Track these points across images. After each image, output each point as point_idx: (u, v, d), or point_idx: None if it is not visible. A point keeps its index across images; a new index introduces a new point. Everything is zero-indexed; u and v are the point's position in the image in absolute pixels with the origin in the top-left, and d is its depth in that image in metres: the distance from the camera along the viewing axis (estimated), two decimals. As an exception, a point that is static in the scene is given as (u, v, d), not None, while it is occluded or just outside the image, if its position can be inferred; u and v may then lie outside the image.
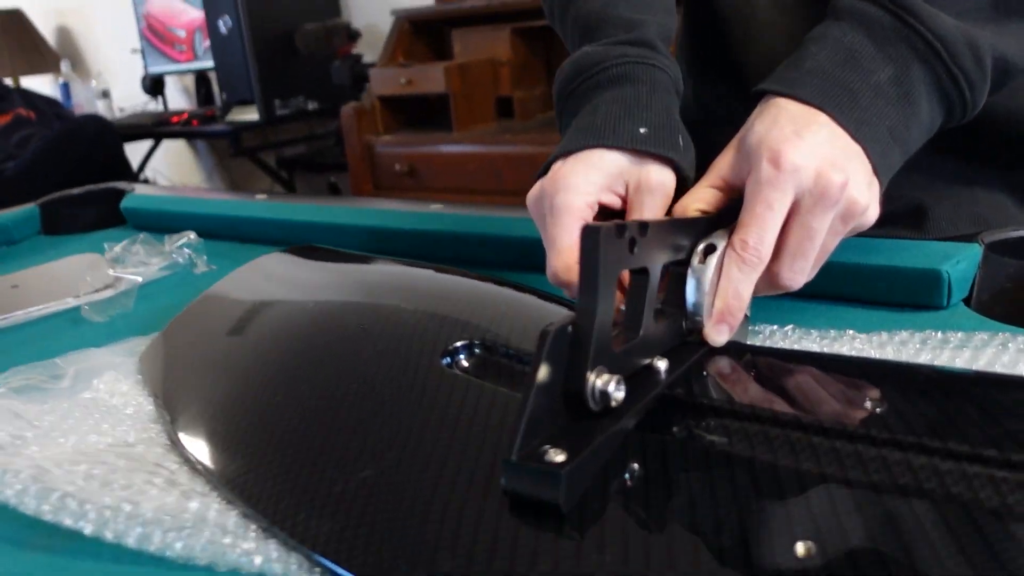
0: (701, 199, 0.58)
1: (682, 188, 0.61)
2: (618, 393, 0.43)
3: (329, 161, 3.53)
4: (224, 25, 3.44)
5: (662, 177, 0.60)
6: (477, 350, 0.56)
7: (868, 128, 0.55)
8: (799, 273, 0.55)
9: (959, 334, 0.57)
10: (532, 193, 0.61)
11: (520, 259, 0.84)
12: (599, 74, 0.65)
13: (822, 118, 0.54)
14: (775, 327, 0.63)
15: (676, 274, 0.54)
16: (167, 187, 1.50)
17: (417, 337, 0.58)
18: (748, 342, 0.60)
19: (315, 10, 3.55)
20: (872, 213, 0.57)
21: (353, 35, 3.45)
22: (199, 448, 0.53)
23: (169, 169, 4.77)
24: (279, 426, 0.53)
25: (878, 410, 0.43)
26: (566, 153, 0.60)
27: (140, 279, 0.97)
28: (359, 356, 0.57)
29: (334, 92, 3.49)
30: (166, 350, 0.69)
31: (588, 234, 0.43)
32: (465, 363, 0.55)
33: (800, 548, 0.35)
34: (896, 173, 0.81)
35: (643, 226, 0.47)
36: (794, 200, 0.52)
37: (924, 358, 0.55)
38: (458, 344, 0.56)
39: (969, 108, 0.60)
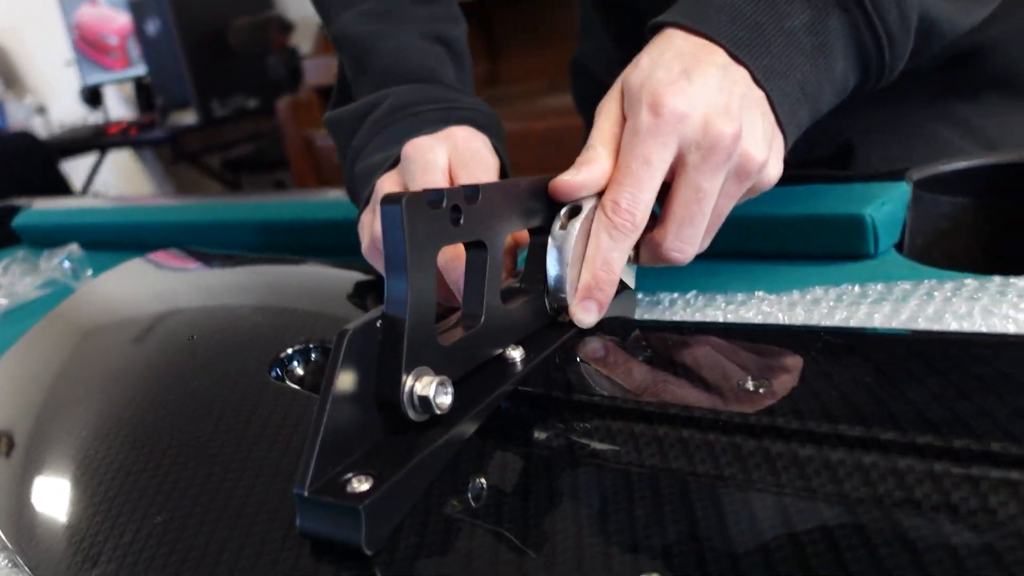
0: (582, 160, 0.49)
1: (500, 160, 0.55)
2: (442, 398, 0.35)
3: (275, 159, 3.41)
4: (153, 27, 3.31)
5: (485, 155, 0.53)
6: (314, 355, 0.48)
7: (778, 79, 0.47)
8: (686, 242, 0.46)
9: (878, 286, 0.49)
10: (365, 216, 0.55)
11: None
12: (396, 114, 0.60)
13: (719, 56, 0.46)
14: (675, 295, 0.55)
15: (535, 244, 0.46)
16: (71, 199, 1.39)
17: (248, 345, 0.49)
18: (643, 316, 0.52)
19: (246, 5, 3.42)
20: (772, 171, 0.48)
21: (287, 27, 3.33)
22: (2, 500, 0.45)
23: (119, 181, 4.63)
24: (82, 472, 0.44)
25: (761, 390, 0.35)
26: (383, 167, 0.55)
27: (4, 303, 0.88)
28: (178, 378, 0.48)
29: (273, 87, 3.36)
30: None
31: (388, 204, 0.35)
32: (299, 371, 0.47)
33: (647, 585, 0.27)
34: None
35: (471, 190, 0.39)
36: (678, 154, 0.44)
37: (838, 317, 0.47)
38: (290, 351, 0.47)
39: (886, 70, 0.52)
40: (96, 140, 3.71)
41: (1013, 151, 0.63)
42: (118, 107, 4.50)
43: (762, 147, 0.46)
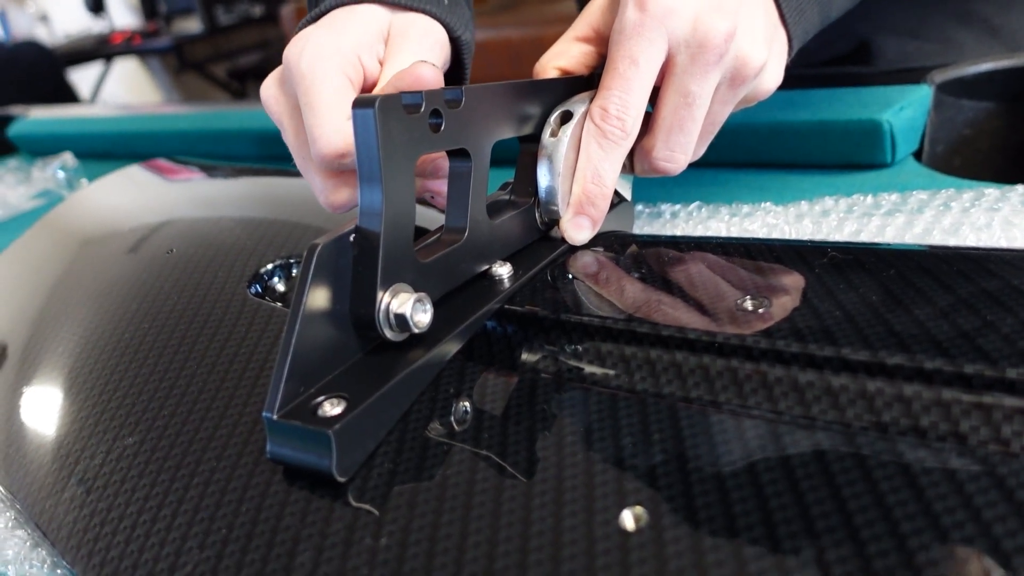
0: (562, 54, 0.46)
1: (458, 57, 0.49)
2: (420, 316, 0.33)
3: (282, 68, 3.34)
4: (154, -70, 3.21)
5: (427, 26, 0.46)
6: (295, 271, 0.46)
7: None
8: (677, 151, 0.43)
9: (892, 196, 0.46)
10: (270, 77, 0.46)
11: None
12: None
13: None
14: (678, 206, 0.52)
15: (525, 152, 0.43)
16: (67, 108, 1.36)
17: (228, 260, 0.47)
18: (642, 229, 0.50)
19: (250, -95, 3.30)
20: (772, 76, 0.44)
21: (292, -71, 3.21)
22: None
23: (126, 91, 4.56)
24: (57, 388, 0.43)
25: (760, 310, 0.32)
26: (309, 21, 0.47)
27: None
28: (155, 294, 0.46)
29: (278, -7, 3.28)
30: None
31: (360, 107, 0.32)
32: (280, 287, 0.45)
33: (628, 518, 0.25)
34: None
35: (453, 94, 0.36)
36: (668, 54, 0.41)
37: (848, 230, 0.44)
38: (270, 266, 0.45)
39: None
40: (100, 49, 3.64)
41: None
42: (122, 15, 4.40)
43: (760, 48, 0.41)
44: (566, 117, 0.42)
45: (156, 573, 0.29)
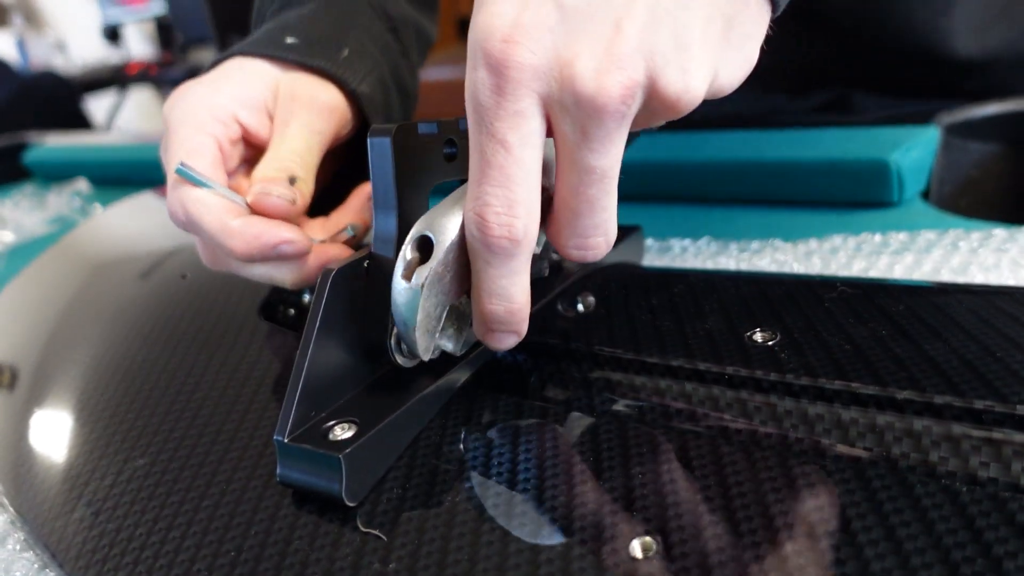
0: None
1: (361, 111, 0.47)
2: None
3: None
4: (172, -38, 3.26)
5: (316, 91, 0.44)
6: (307, 296, 0.46)
7: None
8: (595, 234, 0.31)
9: (901, 235, 0.47)
10: (161, 143, 0.44)
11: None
12: (268, 5, 0.53)
13: None
14: (687, 241, 0.53)
15: None
16: (80, 135, 1.38)
17: (240, 285, 0.47)
18: (652, 263, 0.50)
19: (266, -60, 3.36)
20: (737, 75, 0.32)
21: (308, -37, 3.26)
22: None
23: (141, 119, 4.60)
24: (68, 410, 0.43)
25: (769, 343, 0.32)
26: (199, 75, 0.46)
27: (11, 238, 0.87)
28: (168, 318, 0.47)
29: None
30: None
31: (376, 136, 0.32)
32: (291, 312, 0.45)
33: (636, 547, 0.25)
34: (801, 70, 0.66)
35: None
36: (547, 120, 0.29)
37: (857, 267, 0.45)
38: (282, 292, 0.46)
39: None
40: (117, 78, 3.69)
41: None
42: (138, 45, 4.46)
43: (698, 75, 0.29)
44: (424, 248, 0.31)
45: (163, 593, 0.29)
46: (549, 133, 0.30)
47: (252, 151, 0.44)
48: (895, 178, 0.55)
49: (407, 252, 0.31)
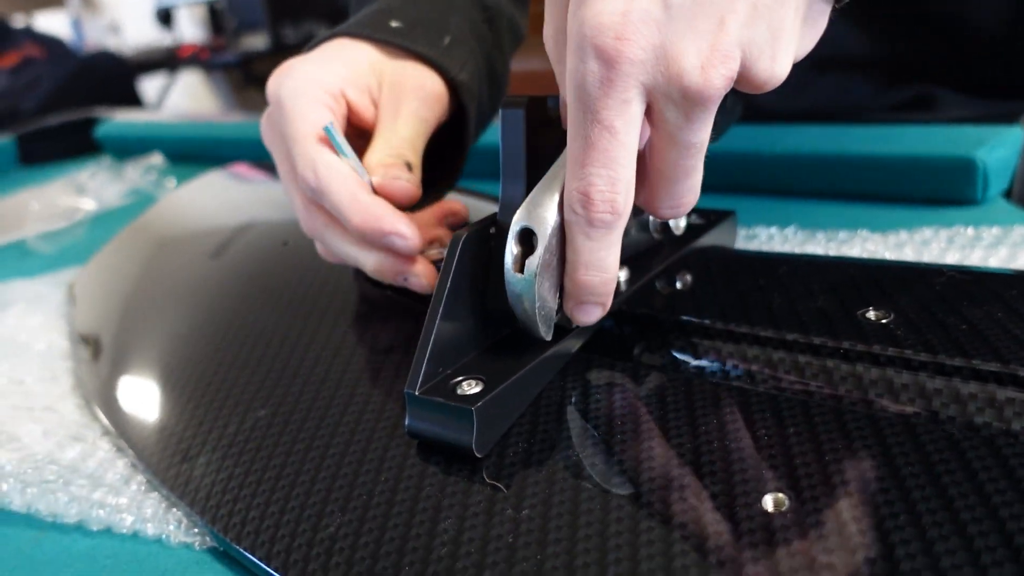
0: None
1: (456, 96, 0.47)
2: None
3: (343, 88, 3.41)
4: (229, -51, 3.31)
5: (422, 79, 0.46)
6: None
7: None
8: (688, 197, 0.34)
9: (994, 229, 0.47)
10: (262, 120, 0.46)
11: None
12: None
13: None
14: (773, 229, 0.54)
15: None
16: (150, 112, 1.41)
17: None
18: (742, 247, 0.51)
19: (322, -71, 3.40)
20: (798, 58, 0.34)
21: (362, -47, 3.30)
22: (99, 389, 0.46)
23: (189, 102, 4.68)
24: (182, 365, 0.45)
25: (883, 321, 0.34)
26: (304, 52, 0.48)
27: (94, 206, 0.90)
28: (277, 277, 0.49)
29: (344, 15, 3.35)
30: (90, 280, 0.62)
31: (509, 107, 0.34)
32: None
33: (769, 502, 0.27)
34: (885, 65, 0.66)
35: None
36: (649, 106, 0.31)
37: (950, 259, 0.45)
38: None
39: None
40: (169, 61, 3.75)
41: None
42: (190, 28, 4.52)
43: (783, 60, 0.31)
44: (527, 238, 0.33)
45: (299, 532, 0.31)
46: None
47: (351, 130, 0.46)
48: (980, 176, 0.55)
49: (512, 247, 0.33)
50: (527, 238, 0.33)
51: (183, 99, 4.58)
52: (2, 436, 0.42)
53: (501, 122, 0.34)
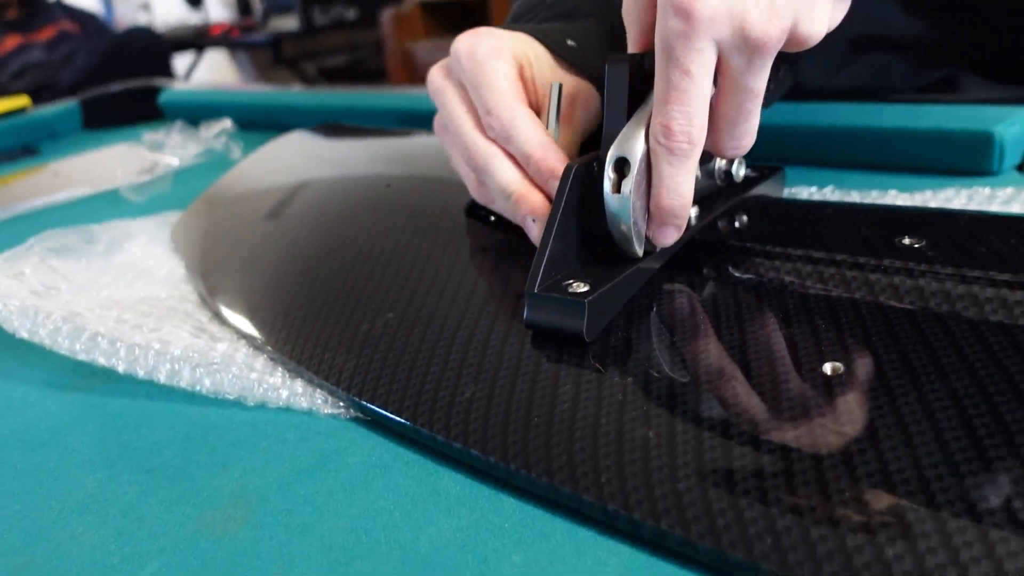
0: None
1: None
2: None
3: (369, 70, 3.49)
4: (262, -69, 3.38)
5: (593, 98, 0.51)
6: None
7: None
8: (747, 138, 0.42)
9: (1008, 189, 0.55)
10: (436, 66, 0.51)
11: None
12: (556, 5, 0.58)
13: None
14: (813, 188, 0.61)
15: None
16: (205, 84, 1.49)
17: (441, 191, 0.57)
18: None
19: (354, -86, 3.47)
20: (831, 28, 0.42)
21: (392, -60, 3.37)
22: (230, 303, 0.54)
23: (215, 77, 4.77)
24: (307, 280, 0.53)
25: (916, 246, 0.41)
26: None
27: (177, 162, 0.97)
28: (385, 211, 0.56)
29: (374, 0, 3.43)
30: (198, 219, 0.70)
31: (614, 63, 0.41)
32: (491, 216, 0.54)
33: (828, 368, 0.34)
34: (918, 48, 0.73)
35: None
36: (719, 57, 0.39)
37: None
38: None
39: None
40: (199, 39, 3.83)
41: None
42: (216, 9, 4.60)
43: (820, 22, 0.40)
44: (622, 166, 0.41)
45: (438, 398, 0.39)
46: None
47: None
48: (997, 148, 0.62)
49: (609, 172, 0.41)
50: (621, 166, 0.41)
51: (209, 77, 4.66)
52: (161, 333, 0.49)
53: (607, 76, 0.42)
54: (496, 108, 0.47)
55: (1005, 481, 0.27)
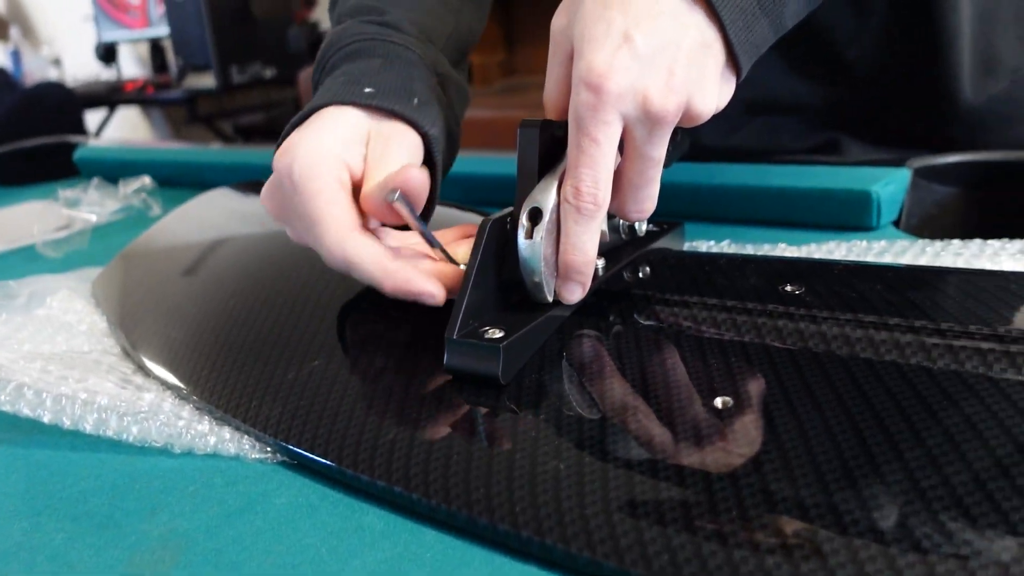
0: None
1: (429, 152, 0.54)
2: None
3: (287, 128, 3.50)
4: (179, -11, 3.39)
5: (403, 131, 0.52)
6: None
7: None
8: (648, 203, 0.47)
9: (882, 242, 0.60)
10: (265, 187, 0.52)
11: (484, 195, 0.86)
12: (335, 54, 0.59)
13: None
14: (712, 242, 0.66)
15: None
16: (120, 141, 1.48)
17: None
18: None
19: (271, -25, 3.51)
20: (718, 106, 0.47)
21: (310, 1, 3.42)
22: (155, 355, 0.55)
23: (126, 134, 4.69)
24: (233, 331, 0.54)
25: (797, 292, 0.46)
26: (295, 125, 0.53)
27: (94, 219, 0.97)
28: (308, 264, 0.59)
29: (291, 59, 3.46)
30: (120, 274, 0.70)
31: (526, 127, 0.45)
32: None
33: (719, 402, 0.38)
34: (805, 112, 0.81)
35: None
36: (624, 125, 0.44)
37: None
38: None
39: None
40: (112, 96, 3.78)
41: (1002, 150, 0.74)
42: (130, 65, 4.55)
43: (710, 100, 0.45)
44: (535, 216, 0.45)
45: (363, 439, 0.41)
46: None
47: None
48: (875, 205, 0.69)
49: (523, 221, 0.45)
50: (535, 215, 0.45)
51: (121, 133, 4.59)
52: (87, 384, 0.50)
53: (519, 138, 0.45)
54: (327, 245, 0.47)
55: (869, 497, 0.31)
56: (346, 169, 0.49)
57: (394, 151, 0.50)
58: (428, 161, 0.54)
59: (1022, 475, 0.31)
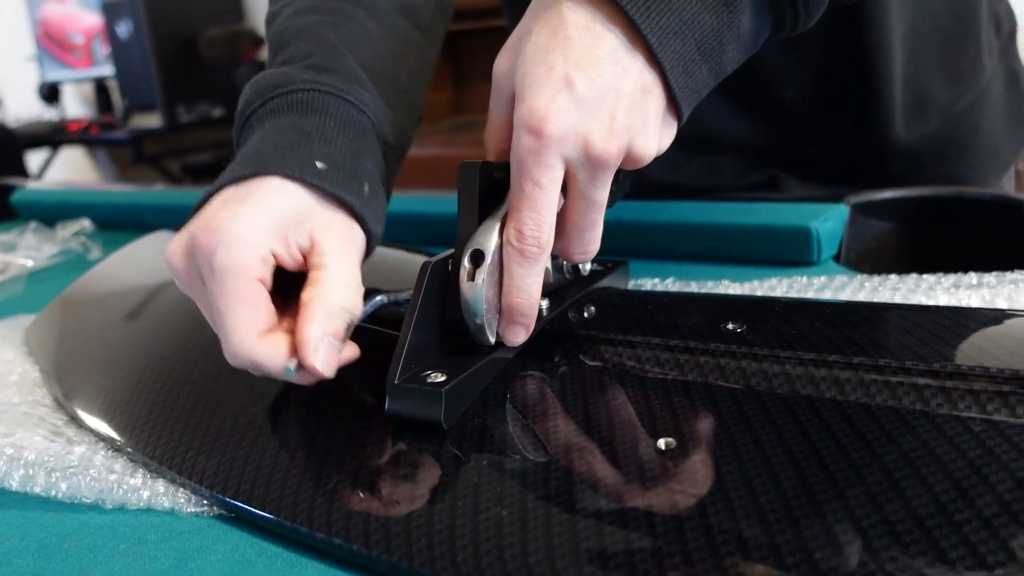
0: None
1: (368, 248, 0.50)
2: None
3: (236, 168, 3.47)
4: (124, 29, 3.36)
5: (350, 230, 0.49)
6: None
7: (673, 40, 0.43)
8: (592, 245, 0.47)
9: (822, 278, 0.61)
10: (176, 246, 0.47)
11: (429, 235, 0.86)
12: (279, 97, 0.53)
13: (613, 39, 0.42)
14: (656, 280, 0.66)
15: None
16: (61, 183, 1.46)
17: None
18: (631, 293, 0.63)
19: (218, 15, 3.50)
20: (660, 149, 0.46)
21: (258, 41, 3.41)
22: (88, 405, 0.53)
23: (70, 175, 4.61)
24: (169, 381, 0.53)
25: (738, 330, 0.46)
26: (222, 187, 0.48)
27: (30, 264, 0.95)
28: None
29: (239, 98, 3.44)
30: (53, 322, 0.68)
31: (465, 169, 0.45)
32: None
33: (662, 443, 0.38)
34: (746, 151, 0.82)
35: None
36: (567, 171, 0.43)
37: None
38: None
39: (801, 21, 0.47)
40: (55, 136, 3.72)
41: (935, 186, 0.76)
42: (74, 105, 4.49)
43: (652, 143, 0.45)
44: (477, 258, 0.44)
45: (302, 490, 0.40)
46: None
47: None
48: (815, 241, 0.70)
49: (465, 263, 0.44)
50: (477, 257, 0.44)
51: (65, 174, 4.51)
52: (14, 439, 0.48)
53: (459, 179, 0.45)
54: (231, 343, 0.44)
55: (810, 537, 0.31)
56: (272, 263, 0.45)
57: (338, 261, 0.46)
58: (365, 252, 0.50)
59: (959, 511, 0.31)
